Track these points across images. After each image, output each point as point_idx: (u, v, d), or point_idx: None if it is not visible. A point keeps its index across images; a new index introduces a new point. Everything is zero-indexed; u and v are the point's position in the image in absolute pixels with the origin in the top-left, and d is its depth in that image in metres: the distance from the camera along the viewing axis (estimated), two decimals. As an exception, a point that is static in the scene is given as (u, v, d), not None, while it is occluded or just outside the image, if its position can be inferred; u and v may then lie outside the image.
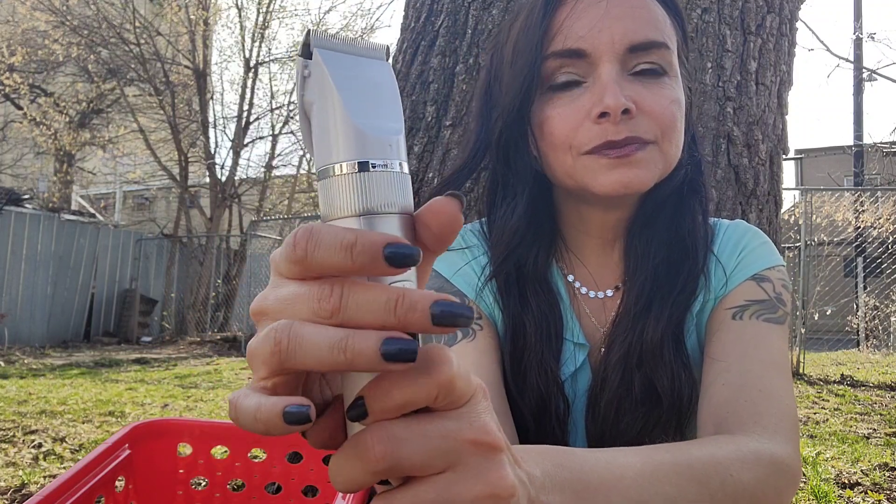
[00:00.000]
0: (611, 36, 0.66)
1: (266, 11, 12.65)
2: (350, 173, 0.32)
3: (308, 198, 14.70)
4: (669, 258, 0.73)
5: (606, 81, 0.66)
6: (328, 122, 0.33)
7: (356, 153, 0.32)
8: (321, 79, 0.33)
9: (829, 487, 2.39)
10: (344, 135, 0.32)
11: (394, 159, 0.33)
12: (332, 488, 1.11)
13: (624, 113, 0.65)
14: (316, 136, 0.34)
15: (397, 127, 0.34)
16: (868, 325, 8.40)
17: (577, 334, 0.75)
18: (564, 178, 0.71)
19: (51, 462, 2.69)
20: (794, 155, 12.64)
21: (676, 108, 0.69)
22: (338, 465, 0.33)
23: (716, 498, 0.51)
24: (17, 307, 9.53)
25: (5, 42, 12.05)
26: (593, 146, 0.67)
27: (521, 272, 0.74)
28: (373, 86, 0.34)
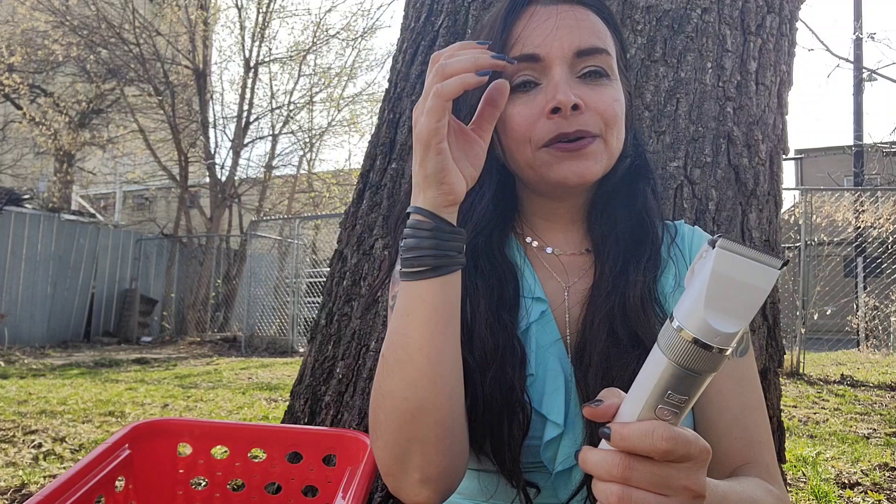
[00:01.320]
0: (560, 43, 0.78)
1: (266, 11, 12.64)
2: (687, 340, 0.47)
3: (308, 198, 14.70)
4: (631, 229, 0.84)
5: (558, 81, 0.77)
6: (695, 298, 0.47)
7: (695, 330, 0.47)
8: (704, 265, 0.48)
9: (829, 487, 2.39)
10: (695, 312, 0.47)
11: (718, 345, 0.47)
12: (332, 488, 1.11)
13: (573, 108, 0.76)
14: (686, 295, 0.49)
15: (738, 328, 0.46)
16: (868, 325, 8.40)
17: (535, 290, 0.84)
18: (525, 169, 0.81)
19: (51, 462, 2.69)
20: (794, 155, 12.66)
21: (618, 107, 0.80)
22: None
23: None
24: (17, 307, 9.53)
25: (5, 42, 12.05)
26: (548, 139, 0.77)
27: (476, 250, 0.83)
28: (745, 287, 0.46)
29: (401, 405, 0.68)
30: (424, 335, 0.68)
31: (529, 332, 0.82)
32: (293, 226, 9.77)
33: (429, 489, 0.67)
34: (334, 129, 14.19)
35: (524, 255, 0.87)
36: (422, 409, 0.67)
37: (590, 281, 0.84)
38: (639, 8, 1.51)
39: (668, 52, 1.49)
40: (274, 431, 1.16)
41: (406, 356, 0.69)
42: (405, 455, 0.68)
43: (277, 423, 1.83)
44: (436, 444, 0.68)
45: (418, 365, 0.68)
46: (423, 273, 0.68)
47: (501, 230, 0.86)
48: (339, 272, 1.74)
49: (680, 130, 1.47)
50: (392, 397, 0.69)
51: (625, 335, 0.78)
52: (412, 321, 0.69)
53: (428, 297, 0.68)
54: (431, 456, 0.67)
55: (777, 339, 1.54)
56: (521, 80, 0.79)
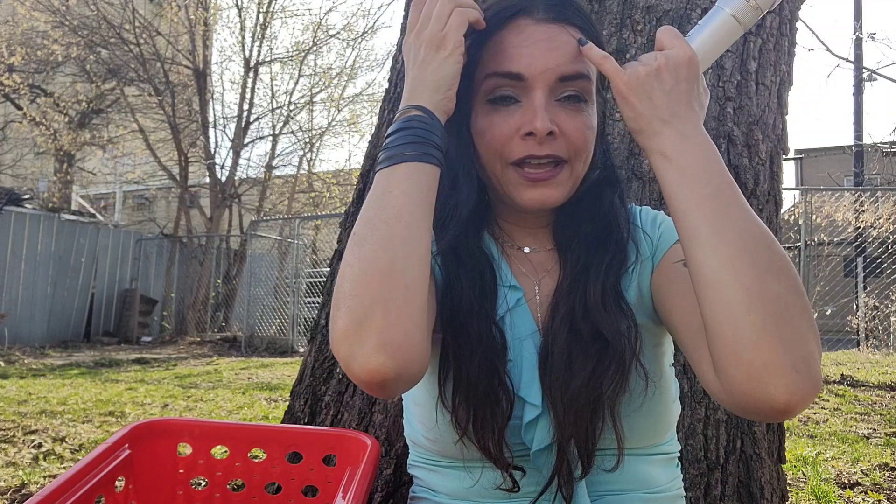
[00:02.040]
0: (545, 66, 0.79)
1: (266, 11, 12.64)
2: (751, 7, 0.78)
3: (308, 198, 14.70)
4: (595, 232, 0.87)
5: (537, 107, 0.79)
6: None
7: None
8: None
9: (829, 487, 2.39)
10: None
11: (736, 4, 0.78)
12: (332, 488, 1.11)
13: (548, 135, 0.79)
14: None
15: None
16: (868, 325, 8.40)
17: (509, 279, 0.87)
18: (494, 182, 0.85)
19: (51, 462, 2.70)
20: (794, 155, 12.65)
21: (590, 134, 0.83)
22: None
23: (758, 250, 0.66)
24: (17, 307, 9.53)
25: (5, 42, 12.04)
26: (518, 158, 0.80)
27: (455, 244, 0.86)
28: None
29: (369, 266, 0.68)
30: (403, 204, 0.71)
31: (506, 320, 0.85)
32: (293, 226, 9.77)
33: (384, 354, 0.64)
34: (334, 129, 14.19)
35: (497, 249, 0.91)
36: (391, 268, 0.67)
37: (556, 278, 0.87)
38: (639, 8, 1.51)
39: (668, 52, 1.49)
40: (274, 431, 1.16)
41: (381, 222, 0.70)
42: (366, 318, 0.65)
43: (277, 423, 1.83)
44: (399, 307, 0.66)
45: (393, 228, 0.69)
46: (411, 157, 0.72)
47: (477, 229, 0.89)
48: (339, 272, 1.74)
49: (680, 130, 1.47)
50: (361, 261, 0.68)
51: (586, 330, 0.80)
52: (391, 196, 0.71)
53: (411, 176, 0.72)
54: (392, 318, 0.65)
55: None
56: (502, 94, 0.81)
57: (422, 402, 0.88)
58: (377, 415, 1.50)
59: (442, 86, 0.76)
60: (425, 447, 0.91)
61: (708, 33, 0.79)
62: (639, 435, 0.84)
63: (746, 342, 0.62)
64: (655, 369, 0.85)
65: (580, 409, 0.77)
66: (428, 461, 0.92)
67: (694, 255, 0.68)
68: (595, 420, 0.78)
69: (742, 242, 0.66)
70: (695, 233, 0.68)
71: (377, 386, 0.66)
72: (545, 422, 0.80)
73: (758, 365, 0.61)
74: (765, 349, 0.61)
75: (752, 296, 0.63)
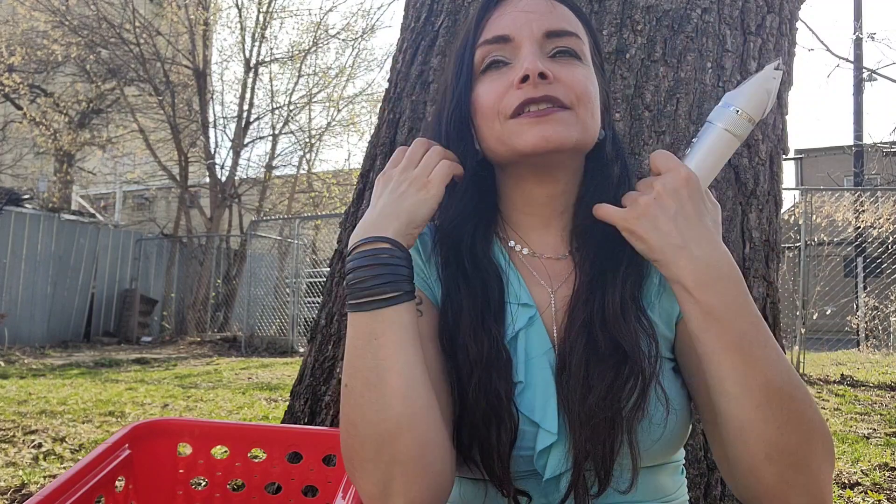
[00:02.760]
0: (529, 24, 0.79)
1: (266, 11, 12.64)
2: (742, 118, 0.77)
3: (308, 198, 14.70)
4: (610, 235, 0.79)
5: (526, 54, 0.77)
6: (747, 93, 0.77)
7: (749, 110, 0.77)
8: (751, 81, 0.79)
9: (829, 487, 2.38)
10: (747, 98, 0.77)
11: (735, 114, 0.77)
12: (332, 488, 1.11)
13: (541, 77, 0.76)
14: (742, 93, 0.77)
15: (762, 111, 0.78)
16: (868, 325, 8.40)
17: (521, 296, 0.82)
18: (497, 146, 0.80)
19: (51, 462, 2.69)
20: (794, 155, 12.64)
21: (590, 85, 0.80)
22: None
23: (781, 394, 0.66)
24: (17, 307, 9.53)
25: (5, 42, 12.04)
26: (516, 106, 0.77)
27: (459, 247, 0.82)
28: (763, 89, 0.77)
29: (376, 429, 0.66)
30: (398, 356, 0.67)
31: (518, 340, 0.80)
32: (293, 226, 9.77)
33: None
34: (334, 129, 14.19)
35: (508, 259, 0.85)
36: (399, 429, 0.66)
37: (572, 286, 0.82)
38: (639, 8, 1.51)
39: (668, 52, 1.49)
40: (274, 431, 1.16)
41: (377, 379, 0.67)
42: (387, 480, 0.66)
43: (277, 423, 1.83)
44: (417, 464, 0.65)
45: (392, 386, 0.66)
46: (396, 298, 0.69)
47: (484, 229, 0.85)
48: (339, 272, 1.74)
49: (680, 130, 1.47)
50: (365, 423, 0.67)
51: (604, 342, 0.76)
52: (382, 344, 0.68)
53: (399, 320, 0.68)
54: (414, 477, 0.65)
55: (777, 339, 1.54)
56: (491, 59, 0.80)
57: None
58: (377, 415, 1.50)
59: (413, 221, 0.73)
60: None
61: (704, 150, 0.77)
62: (654, 456, 0.80)
63: (764, 484, 0.67)
64: (677, 397, 0.79)
65: (597, 426, 0.73)
66: None
67: (718, 401, 0.68)
68: (613, 438, 0.73)
69: (765, 395, 0.65)
70: (720, 382, 0.68)
71: None
72: (560, 449, 0.75)
73: (770, 496, 0.67)
74: (779, 494, 0.67)
75: (772, 448, 0.65)
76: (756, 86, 0.76)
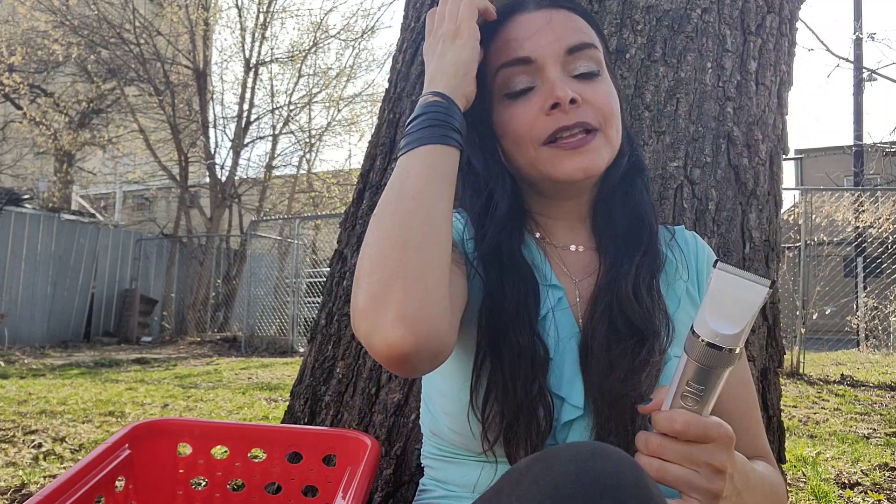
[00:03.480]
0: (550, 42, 0.81)
1: (266, 11, 12.64)
2: (701, 342, 0.61)
3: (308, 198, 14.70)
4: (628, 226, 0.87)
5: (553, 80, 0.80)
6: (703, 310, 0.62)
7: (706, 334, 0.61)
8: (712, 285, 0.62)
9: (829, 487, 2.38)
10: (704, 323, 0.61)
11: (725, 346, 0.60)
12: (332, 488, 1.11)
13: (571, 103, 0.78)
14: (699, 311, 0.63)
15: (736, 331, 0.60)
16: (868, 325, 8.40)
17: (550, 278, 0.87)
18: (529, 170, 0.84)
19: (51, 462, 2.69)
20: (794, 155, 12.64)
21: (613, 101, 0.83)
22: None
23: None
24: (17, 307, 9.53)
25: (5, 42, 12.04)
26: (549, 134, 0.80)
27: (499, 252, 0.85)
28: (740, 300, 0.61)
29: (386, 242, 0.69)
30: (421, 184, 0.71)
31: (548, 319, 0.84)
32: (293, 226, 9.77)
33: (404, 328, 0.64)
34: (334, 129, 14.19)
35: (536, 248, 0.90)
36: (408, 243, 0.68)
37: (596, 278, 0.87)
38: (639, 8, 1.51)
39: (668, 52, 1.49)
40: (274, 431, 1.16)
41: (398, 201, 0.71)
42: (385, 291, 0.66)
43: (277, 423, 1.83)
44: (417, 280, 0.66)
45: (409, 205, 0.70)
46: (430, 139, 0.73)
47: (517, 233, 0.88)
48: (339, 272, 1.74)
49: (680, 130, 1.47)
50: (379, 238, 0.69)
51: (622, 324, 0.81)
52: (410, 177, 0.72)
53: (428, 157, 0.73)
54: (411, 291, 0.65)
55: (777, 339, 1.55)
56: (517, 87, 0.82)
57: (450, 395, 0.85)
58: (377, 415, 1.50)
59: (460, 70, 0.78)
60: (449, 439, 0.87)
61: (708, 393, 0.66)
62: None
63: None
64: None
65: (620, 405, 0.77)
66: (448, 453, 0.89)
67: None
68: (634, 416, 0.77)
69: None
70: None
71: (398, 361, 0.65)
72: (582, 424, 0.79)
73: None
74: None
75: None
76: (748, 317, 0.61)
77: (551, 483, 0.52)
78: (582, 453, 0.54)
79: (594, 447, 0.55)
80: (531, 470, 0.56)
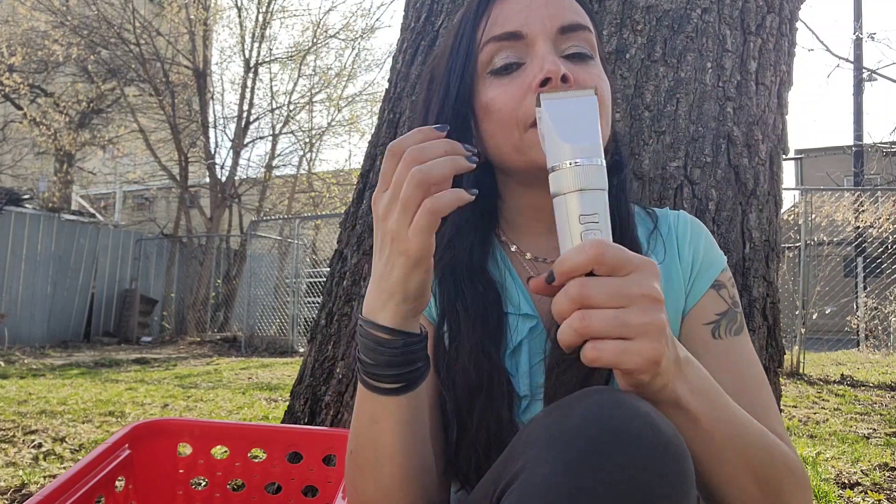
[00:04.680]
0: (542, 18, 0.74)
1: (266, 11, 12.64)
2: (571, 165, 0.57)
3: (308, 198, 14.70)
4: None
5: (544, 54, 0.73)
6: (552, 142, 0.59)
7: (571, 157, 0.57)
8: (545, 118, 0.60)
9: (829, 487, 2.38)
10: (560, 151, 0.58)
11: (591, 157, 0.57)
12: (332, 488, 1.11)
13: (563, 81, 0.71)
14: (547, 150, 0.60)
15: (593, 142, 0.58)
16: (868, 325, 8.40)
17: (522, 306, 0.79)
18: (513, 155, 0.75)
19: (51, 462, 2.69)
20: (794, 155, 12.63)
21: (605, 86, 0.76)
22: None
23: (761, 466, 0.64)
24: (17, 307, 9.52)
25: (5, 42, 12.04)
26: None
27: (456, 263, 0.78)
28: (578, 116, 0.59)
29: (372, 496, 0.69)
30: (395, 443, 0.66)
31: (520, 351, 0.77)
32: (293, 226, 9.76)
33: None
34: (334, 129, 14.19)
35: (510, 264, 0.82)
36: (392, 500, 0.68)
37: None
38: (639, 8, 1.51)
39: (668, 52, 1.49)
40: (274, 431, 1.16)
41: (375, 460, 0.68)
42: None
43: (277, 423, 1.83)
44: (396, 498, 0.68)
45: (389, 471, 0.67)
46: (395, 391, 0.65)
47: (482, 239, 0.81)
48: (339, 272, 1.74)
49: (680, 130, 1.47)
50: (365, 496, 0.69)
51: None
52: (382, 429, 0.66)
53: (397, 410, 0.66)
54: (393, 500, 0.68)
55: (777, 339, 1.54)
56: (503, 62, 0.74)
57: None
58: (377, 415, 1.50)
59: (408, 298, 0.62)
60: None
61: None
62: None
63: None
64: None
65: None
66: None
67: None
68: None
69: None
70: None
71: None
72: None
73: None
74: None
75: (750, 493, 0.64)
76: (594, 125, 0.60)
77: (564, 436, 0.49)
78: (598, 403, 0.51)
79: (610, 397, 0.52)
80: (545, 421, 0.53)
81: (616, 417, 0.49)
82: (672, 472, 0.48)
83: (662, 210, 0.87)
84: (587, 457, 0.47)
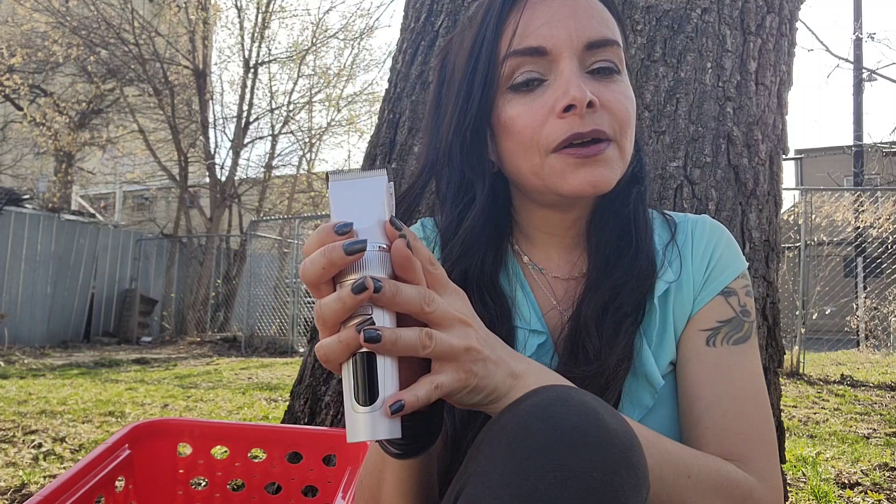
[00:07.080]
0: (568, 32, 0.69)
1: (266, 12, 12.64)
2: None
3: (308, 198, 14.70)
4: (619, 247, 0.76)
5: (569, 76, 0.68)
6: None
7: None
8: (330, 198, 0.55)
9: (829, 487, 2.38)
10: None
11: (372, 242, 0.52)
12: (332, 488, 1.11)
13: (589, 106, 0.67)
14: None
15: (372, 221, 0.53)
16: (868, 325, 8.40)
17: (532, 321, 0.76)
18: (531, 178, 0.72)
19: (51, 462, 2.69)
20: (794, 155, 12.64)
21: (630, 105, 0.72)
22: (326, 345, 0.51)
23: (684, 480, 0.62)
24: (17, 307, 9.52)
25: (5, 43, 12.05)
26: (560, 140, 0.69)
27: (467, 277, 0.75)
28: (364, 199, 0.54)
29: None
30: (394, 501, 0.66)
31: None
32: (293, 226, 9.77)
33: None
34: (334, 129, 14.20)
35: (522, 278, 0.79)
36: None
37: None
38: (639, 8, 1.51)
39: (668, 52, 1.49)
40: (274, 431, 1.16)
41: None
42: None
43: (277, 423, 1.82)
44: None
45: None
46: (399, 455, 0.62)
47: (496, 251, 0.78)
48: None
49: (680, 130, 1.47)
50: None
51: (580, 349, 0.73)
52: (385, 487, 0.66)
53: (402, 470, 0.64)
54: None
55: (777, 339, 1.55)
56: (524, 77, 0.70)
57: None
58: (377, 415, 1.50)
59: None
60: None
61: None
62: None
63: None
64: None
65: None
66: None
67: None
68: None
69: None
70: None
71: None
72: None
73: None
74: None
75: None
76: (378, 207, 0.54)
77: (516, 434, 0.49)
78: (547, 401, 0.50)
79: (558, 394, 0.51)
80: (501, 419, 0.53)
81: (563, 415, 0.49)
82: (620, 466, 0.48)
83: (683, 216, 0.83)
84: (536, 457, 0.47)
